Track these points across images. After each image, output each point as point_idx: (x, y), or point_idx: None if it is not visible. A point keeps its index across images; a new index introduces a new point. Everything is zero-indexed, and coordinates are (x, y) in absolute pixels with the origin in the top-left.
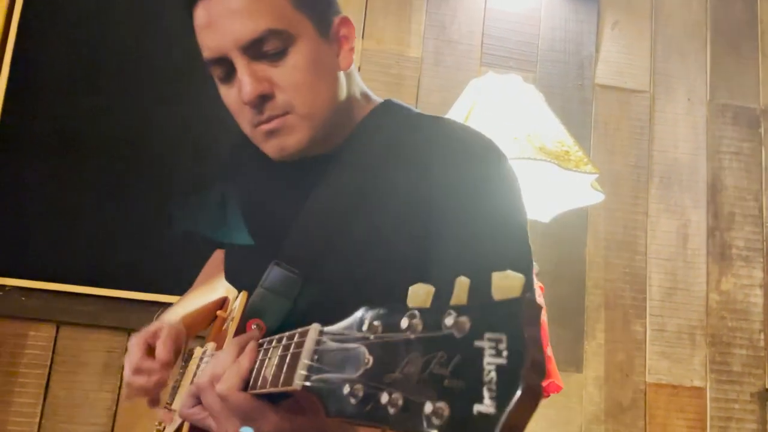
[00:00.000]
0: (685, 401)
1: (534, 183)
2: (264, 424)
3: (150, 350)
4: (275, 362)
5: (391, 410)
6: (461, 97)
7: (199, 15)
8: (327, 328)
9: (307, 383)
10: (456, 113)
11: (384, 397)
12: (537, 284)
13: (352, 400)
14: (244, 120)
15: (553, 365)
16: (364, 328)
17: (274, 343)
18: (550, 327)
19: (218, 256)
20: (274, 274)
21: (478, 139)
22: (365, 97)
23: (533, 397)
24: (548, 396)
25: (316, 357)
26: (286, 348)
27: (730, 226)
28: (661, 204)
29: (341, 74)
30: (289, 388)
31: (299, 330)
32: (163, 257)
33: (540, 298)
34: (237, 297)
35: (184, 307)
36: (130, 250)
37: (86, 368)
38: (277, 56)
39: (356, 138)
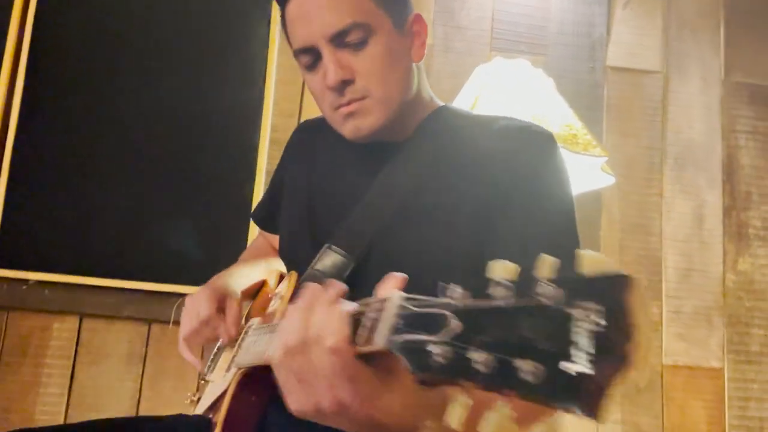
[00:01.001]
0: (702, 382)
1: None
2: (365, 386)
3: (220, 309)
4: None
5: (483, 369)
6: (468, 83)
7: (291, 9)
8: (409, 295)
9: (390, 344)
10: (464, 99)
11: (475, 356)
12: None
13: (441, 360)
14: (325, 103)
15: None
16: (451, 295)
17: None
18: None
19: (260, 242)
20: (326, 256)
21: (539, 130)
22: (431, 98)
23: (626, 364)
24: None
25: (399, 321)
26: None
27: (746, 205)
28: (676, 185)
29: (414, 66)
30: (372, 348)
31: (376, 298)
32: (181, 249)
33: None
34: (281, 277)
35: (241, 280)
36: (150, 242)
37: (109, 358)
38: (358, 46)
39: (421, 132)
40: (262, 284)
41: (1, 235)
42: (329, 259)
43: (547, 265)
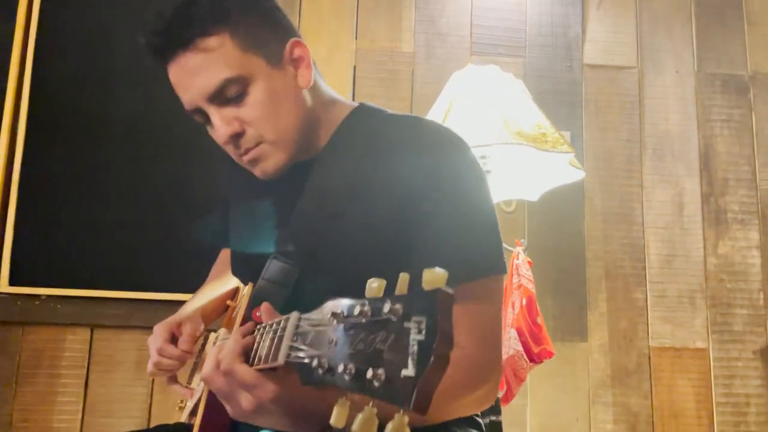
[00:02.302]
0: (688, 362)
1: (518, 165)
2: (264, 390)
3: (173, 338)
4: (267, 344)
5: (346, 377)
6: (444, 90)
7: (171, 76)
8: (304, 315)
9: (288, 359)
10: (439, 106)
11: (341, 368)
12: (525, 259)
13: (320, 371)
14: (231, 153)
15: (545, 334)
16: (331, 314)
17: (267, 328)
18: (553, 300)
19: (225, 254)
20: (272, 266)
21: (444, 134)
22: (335, 102)
23: (442, 364)
24: (541, 361)
25: (295, 338)
26: (275, 332)
27: (724, 191)
28: (655, 175)
29: (304, 91)
30: (275, 364)
31: (284, 317)
32: (184, 259)
33: (528, 272)
34: (245, 288)
35: (201, 300)
36: (153, 255)
37: (121, 366)
38: (239, 98)
39: (336, 140)
40: (234, 292)
41: (12, 255)
42: (276, 268)
43: (401, 282)
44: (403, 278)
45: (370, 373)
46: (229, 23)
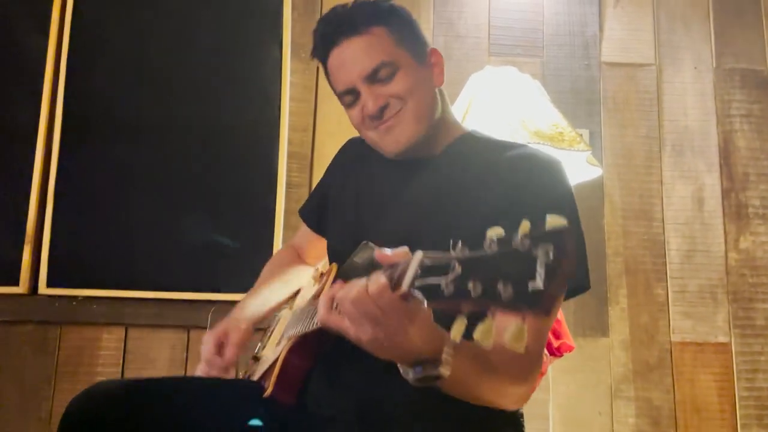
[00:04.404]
0: (710, 357)
1: None
2: (418, 318)
3: (221, 347)
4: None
5: (474, 293)
6: (462, 92)
7: (332, 62)
8: (427, 252)
9: (411, 287)
10: (458, 107)
11: (470, 286)
12: None
13: (446, 292)
14: (366, 129)
15: (564, 328)
16: (456, 250)
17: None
18: None
19: (283, 254)
20: (363, 251)
21: (546, 158)
22: (456, 122)
23: (564, 279)
24: (561, 355)
25: (419, 271)
26: (395, 269)
27: (744, 186)
28: (675, 171)
29: (436, 91)
30: (398, 292)
31: (408, 255)
32: (215, 261)
33: None
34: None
35: (258, 304)
36: (185, 256)
37: (154, 363)
38: (388, 78)
39: (450, 151)
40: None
41: (50, 259)
42: (366, 253)
43: (523, 226)
44: (525, 224)
45: (500, 286)
46: (388, 22)
